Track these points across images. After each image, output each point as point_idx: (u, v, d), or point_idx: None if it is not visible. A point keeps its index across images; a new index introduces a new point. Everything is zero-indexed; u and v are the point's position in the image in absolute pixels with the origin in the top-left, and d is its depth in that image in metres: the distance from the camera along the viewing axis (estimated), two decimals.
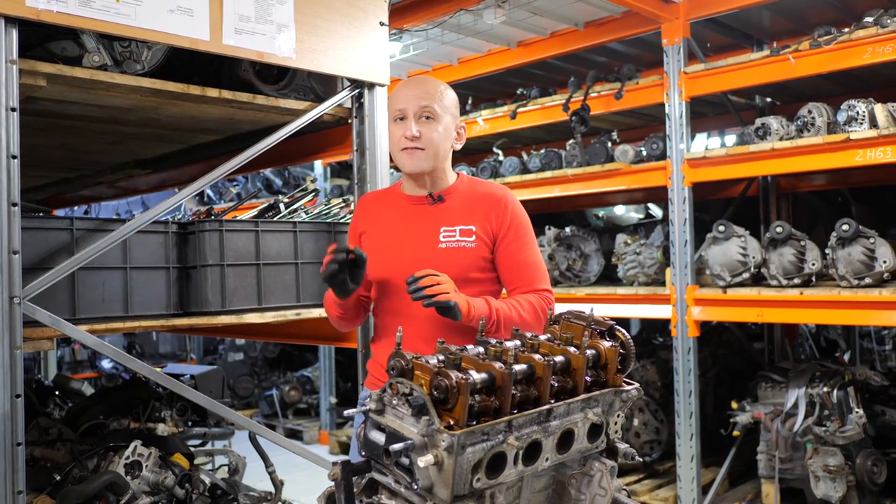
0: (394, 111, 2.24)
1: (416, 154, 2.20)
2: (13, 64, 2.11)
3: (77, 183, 4.72)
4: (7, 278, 2.08)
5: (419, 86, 2.26)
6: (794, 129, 4.16)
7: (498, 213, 2.24)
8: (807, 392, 4.27)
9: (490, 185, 2.36)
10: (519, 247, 2.25)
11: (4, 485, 2.05)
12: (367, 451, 1.54)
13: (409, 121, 2.20)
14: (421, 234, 2.23)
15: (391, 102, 2.27)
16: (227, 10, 2.52)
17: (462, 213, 2.24)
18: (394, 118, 2.24)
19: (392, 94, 2.29)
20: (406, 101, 2.22)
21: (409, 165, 2.22)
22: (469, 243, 2.20)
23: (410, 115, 2.20)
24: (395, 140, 2.24)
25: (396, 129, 2.23)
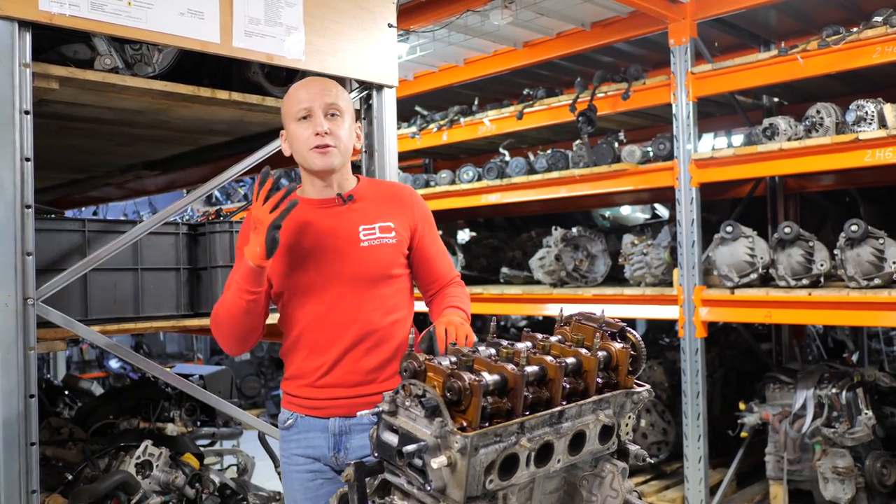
0: (297, 111, 2.11)
1: (328, 151, 2.10)
2: (27, 67, 2.13)
3: (86, 184, 4.74)
4: (21, 280, 2.09)
5: (320, 84, 2.17)
6: (803, 130, 4.16)
7: (411, 207, 2.23)
8: (815, 393, 4.26)
9: (391, 182, 2.36)
10: (433, 239, 2.27)
11: (19, 484, 2.06)
12: (379, 452, 1.55)
13: (317, 118, 2.10)
14: (339, 235, 2.13)
15: (291, 103, 2.14)
16: (238, 12, 2.53)
17: (376, 210, 2.19)
18: (296, 118, 2.11)
19: (291, 95, 2.16)
20: (310, 99, 2.11)
21: (320, 163, 2.10)
22: (390, 239, 2.15)
23: (317, 112, 2.10)
24: (302, 140, 2.11)
25: (302, 129, 2.11)
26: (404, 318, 2.19)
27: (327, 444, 2.12)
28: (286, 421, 2.17)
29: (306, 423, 2.14)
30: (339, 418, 2.11)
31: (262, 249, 1.95)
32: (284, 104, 2.17)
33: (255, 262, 1.97)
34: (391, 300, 2.16)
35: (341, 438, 2.12)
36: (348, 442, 2.11)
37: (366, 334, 2.11)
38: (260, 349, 8.62)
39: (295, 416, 2.15)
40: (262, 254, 1.96)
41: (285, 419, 2.18)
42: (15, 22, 2.09)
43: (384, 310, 2.14)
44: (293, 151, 2.16)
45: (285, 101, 2.17)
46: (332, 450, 2.12)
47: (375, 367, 2.12)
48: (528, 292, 5.35)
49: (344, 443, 2.12)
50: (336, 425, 2.11)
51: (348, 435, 2.11)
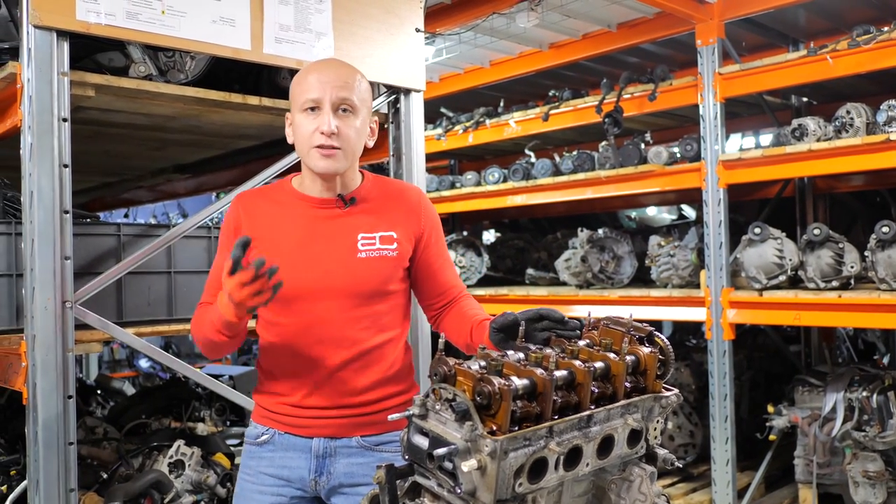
0: (304, 99, 1.88)
1: (332, 154, 1.88)
2: (65, 76, 2.18)
3: (118, 187, 4.83)
4: (59, 283, 2.14)
5: (334, 71, 1.92)
6: (832, 130, 4.12)
7: (418, 213, 2.03)
8: (845, 396, 4.22)
9: (399, 182, 2.18)
10: (441, 248, 2.08)
11: (58, 482, 2.12)
12: (409, 454, 1.57)
13: (325, 113, 1.87)
14: (334, 242, 1.94)
15: (300, 89, 1.91)
16: (268, 19, 2.57)
17: (380, 216, 1.98)
18: (302, 107, 1.89)
19: (301, 79, 1.93)
20: (321, 88, 1.87)
21: (321, 166, 1.89)
22: (391, 252, 1.95)
23: (326, 105, 1.87)
24: (304, 134, 1.89)
25: (307, 122, 1.88)
26: (398, 337, 2.02)
27: (308, 465, 1.94)
28: (260, 436, 1.98)
29: (285, 442, 1.95)
30: (325, 439, 1.94)
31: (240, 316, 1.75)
32: (293, 87, 1.94)
33: (230, 319, 1.77)
34: (385, 318, 1.98)
35: (324, 461, 1.94)
36: (332, 465, 1.95)
37: (357, 355, 1.94)
38: None
39: (272, 432, 1.97)
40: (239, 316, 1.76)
41: (259, 434, 1.98)
42: (53, 32, 2.15)
43: (377, 328, 1.97)
44: (294, 142, 1.97)
45: (294, 84, 1.94)
46: (314, 473, 1.94)
47: (366, 388, 1.96)
48: (553, 294, 5.35)
49: (327, 466, 1.94)
50: (320, 446, 1.94)
51: (333, 458, 1.95)
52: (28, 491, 2.13)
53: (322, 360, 1.92)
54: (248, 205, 1.98)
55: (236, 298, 1.69)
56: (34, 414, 2.11)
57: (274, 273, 1.67)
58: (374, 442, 1.99)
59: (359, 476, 1.96)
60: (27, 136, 2.13)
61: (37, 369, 2.11)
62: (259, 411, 2.01)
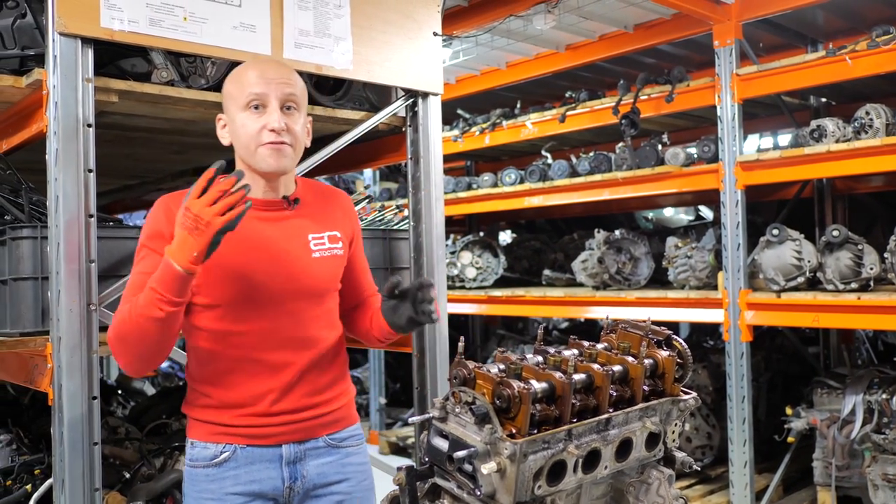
0: (247, 95, 1.84)
1: (283, 150, 1.85)
2: (89, 82, 2.21)
3: (138, 189, 4.88)
4: (84, 286, 2.18)
5: (276, 68, 1.91)
6: (851, 131, 4.10)
7: (350, 215, 2.10)
8: (865, 398, 4.20)
9: (326, 185, 2.16)
10: (362, 250, 2.16)
11: (83, 482, 2.15)
12: (430, 456, 1.59)
13: (273, 110, 1.84)
14: (289, 243, 1.92)
15: (240, 86, 1.87)
16: (288, 25, 2.60)
17: (322, 217, 2.01)
18: (244, 104, 1.84)
19: (239, 76, 1.89)
20: (265, 84, 1.84)
21: (272, 164, 1.85)
22: (339, 251, 1.99)
23: (273, 102, 1.84)
24: (250, 132, 1.84)
25: (252, 120, 1.84)
26: (342, 332, 2.07)
27: (280, 475, 1.91)
28: (217, 456, 1.88)
29: (249, 455, 1.89)
30: (293, 444, 1.92)
31: (200, 254, 1.64)
32: (228, 85, 1.90)
33: (184, 267, 1.64)
34: (334, 314, 2.03)
35: (296, 467, 1.93)
36: (304, 469, 1.94)
37: (320, 353, 1.95)
38: None
39: (231, 447, 1.88)
40: (198, 258, 1.64)
41: (216, 454, 1.88)
42: (78, 39, 2.18)
43: (331, 325, 2.01)
44: (235, 143, 1.90)
45: (230, 82, 1.90)
46: (289, 480, 1.91)
47: (327, 385, 1.98)
48: (570, 295, 5.35)
49: (300, 471, 1.93)
50: (290, 452, 1.92)
51: (303, 462, 1.93)
52: (54, 490, 2.17)
53: (288, 364, 1.90)
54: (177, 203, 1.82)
55: (207, 218, 1.60)
56: (60, 414, 2.15)
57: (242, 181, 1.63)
58: (339, 439, 2.02)
59: (331, 475, 1.97)
60: (52, 141, 2.17)
61: (62, 371, 2.14)
62: (210, 429, 1.90)
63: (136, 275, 1.83)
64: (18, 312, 2.35)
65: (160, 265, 1.69)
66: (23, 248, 2.36)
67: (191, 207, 1.63)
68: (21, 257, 2.36)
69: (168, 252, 1.67)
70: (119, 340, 1.75)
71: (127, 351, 1.76)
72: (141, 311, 1.69)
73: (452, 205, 5.94)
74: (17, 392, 4.04)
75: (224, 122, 1.95)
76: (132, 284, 1.81)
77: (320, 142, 3.04)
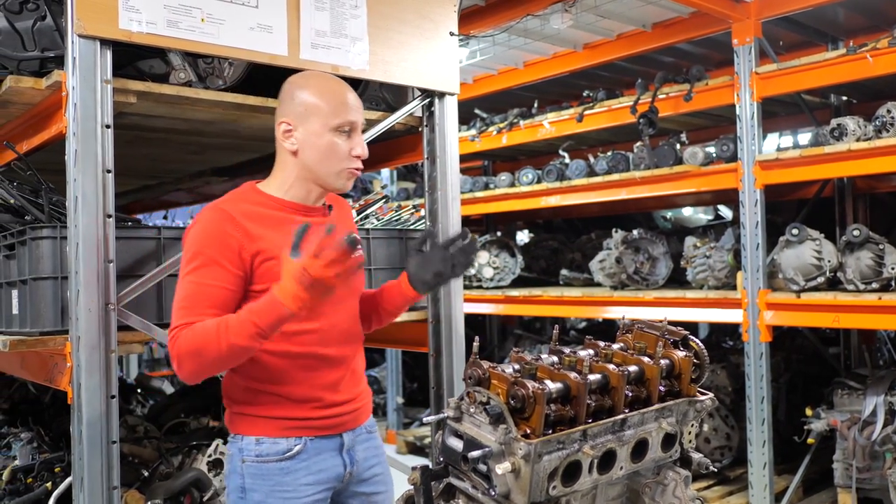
0: (343, 121, 1.95)
1: (358, 175, 2.02)
2: (108, 83, 2.23)
3: (157, 189, 4.92)
4: (103, 286, 2.20)
5: (355, 95, 2.03)
6: (872, 130, 4.06)
7: (352, 218, 2.32)
8: (886, 399, 4.15)
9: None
10: None
11: (101, 480, 2.17)
12: (444, 456, 1.59)
13: (357, 136, 1.99)
14: None
15: (335, 106, 1.95)
16: (304, 25, 2.61)
17: (343, 222, 2.16)
18: (335, 125, 1.95)
19: (336, 97, 1.97)
20: (356, 112, 1.99)
21: (348, 186, 2.03)
22: (362, 251, 2.04)
23: (358, 129, 1.99)
24: (339, 155, 1.96)
25: (341, 142, 1.96)
26: None
27: (341, 462, 2.04)
28: (291, 448, 1.97)
29: (317, 446, 2.00)
30: (349, 432, 2.07)
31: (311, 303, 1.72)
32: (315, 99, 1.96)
33: (293, 310, 1.72)
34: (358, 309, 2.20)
35: (351, 453, 2.07)
36: (356, 455, 2.08)
37: (360, 345, 2.17)
38: None
39: (302, 440, 1.98)
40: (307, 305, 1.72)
41: (289, 447, 1.97)
42: (97, 41, 2.20)
43: (359, 319, 2.19)
44: (311, 155, 1.97)
45: (319, 98, 1.96)
46: (349, 466, 2.05)
47: (361, 375, 2.16)
48: (587, 295, 5.33)
49: (353, 456, 2.07)
50: (347, 440, 2.06)
51: (354, 448, 2.08)
52: (73, 488, 2.19)
53: (344, 357, 2.06)
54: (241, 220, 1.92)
55: (328, 283, 1.68)
56: (79, 413, 2.17)
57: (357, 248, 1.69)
58: (370, 425, 2.18)
59: (371, 459, 2.14)
60: (72, 142, 2.19)
61: (81, 369, 2.16)
62: (280, 424, 1.98)
63: (197, 284, 1.85)
64: (38, 312, 2.38)
65: (268, 301, 1.74)
66: (43, 248, 2.38)
67: (309, 269, 1.68)
68: (41, 257, 2.38)
69: (281, 293, 1.72)
70: (194, 355, 1.78)
71: (199, 364, 1.79)
72: (233, 340, 1.74)
73: (470, 204, 5.93)
74: (39, 391, 4.09)
75: (290, 129, 1.99)
76: (196, 294, 1.83)
77: None
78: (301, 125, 1.97)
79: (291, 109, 1.99)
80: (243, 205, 1.99)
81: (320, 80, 2.03)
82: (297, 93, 2.00)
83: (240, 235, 1.89)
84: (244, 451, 1.98)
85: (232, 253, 1.86)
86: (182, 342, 1.78)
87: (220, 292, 1.84)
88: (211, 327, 1.76)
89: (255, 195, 2.04)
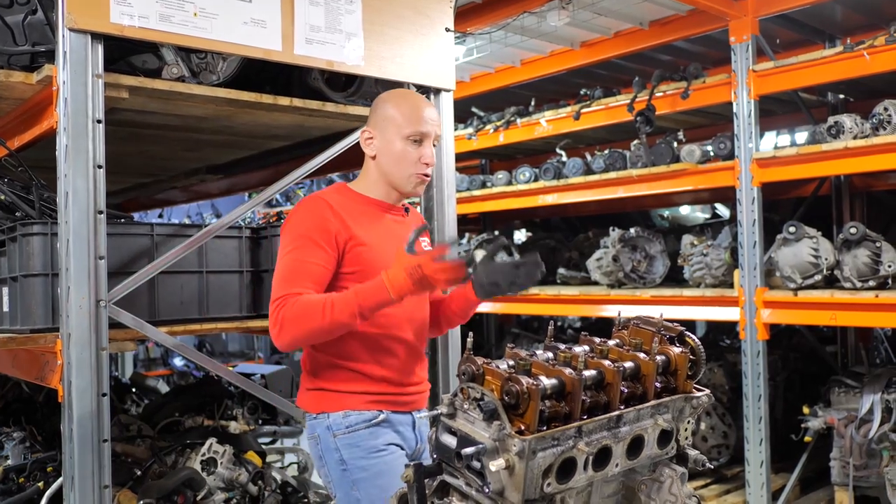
0: (414, 130, 2.18)
1: (427, 180, 2.25)
2: (99, 78, 2.22)
3: (152, 187, 4.89)
4: (94, 283, 2.18)
5: (434, 111, 2.26)
6: (869, 128, 4.04)
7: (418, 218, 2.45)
8: (883, 398, 4.14)
9: None
10: None
11: (92, 479, 2.15)
12: (438, 453, 1.57)
13: (428, 146, 2.21)
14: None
15: (410, 119, 2.19)
16: (299, 20, 2.59)
17: (414, 222, 2.36)
18: (408, 135, 2.18)
19: (412, 110, 2.21)
20: (430, 124, 2.21)
21: (419, 191, 2.26)
22: (429, 246, 2.33)
23: (430, 140, 2.21)
24: (409, 160, 2.19)
25: (411, 150, 2.19)
26: None
27: (414, 437, 2.25)
28: (375, 418, 2.16)
29: (396, 419, 2.21)
30: (416, 411, 2.25)
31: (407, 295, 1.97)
32: (393, 111, 2.19)
33: (396, 297, 1.97)
34: None
35: (420, 431, 2.26)
36: (420, 434, 2.27)
37: (426, 334, 2.34)
38: None
39: (384, 413, 2.18)
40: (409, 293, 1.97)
41: (372, 416, 2.16)
42: (88, 35, 2.18)
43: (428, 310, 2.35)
44: (386, 161, 2.21)
45: (397, 110, 2.19)
46: (419, 442, 2.26)
47: (427, 361, 2.36)
48: (585, 293, 5.31)
49: (420, 435, 2.26)
50: (415, 419, 2.25)
51: (419, 429, 2.27)
52: (64, 487, 2.17)
53: (415, 342, 2.25)
54: (337, 208, 2.14)
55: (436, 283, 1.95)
56: (69, 411, 2.15)
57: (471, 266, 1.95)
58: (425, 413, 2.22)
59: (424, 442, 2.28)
60: (62, 137, 2.17)
61: (72, 367, 2.14)
62: (364, 398, 2.16)
63: (297, 261, 2.06)
64: (29, 309, 2.36)
65: (374, 286, 1.98)
66: (33, 244, 2.37)
67: (424, 267, 1.94)
68: (32, 254, 2.37)
69: (388, 281, 1.96)
70: (294, 321, 1.97)
71: (299, 332, 1.99)
72: (335, 316, 1.96)
73: (467, 203, 5.91)
74: (32, 390, 4.07)
75: (371, 137, 2.24)
76: (296, 269, 2.05)
77: (332, 138, 3.03)
78: (379, 133, 2.21)
79: (374, 120, 2.25)
80: (338, 197, 2.21)
81: (400, 96, 2.29)
82: (380, 105, 2.26)
83: (336, 221, 2.12)
84: (333, 427, 2.15)
85: (329, 235, 2.09)
86: (287, 310, 1.98)
87: (317, 269, 2.05)
88: (318, 301, 1.97)
89: (346, 192, 2.26)
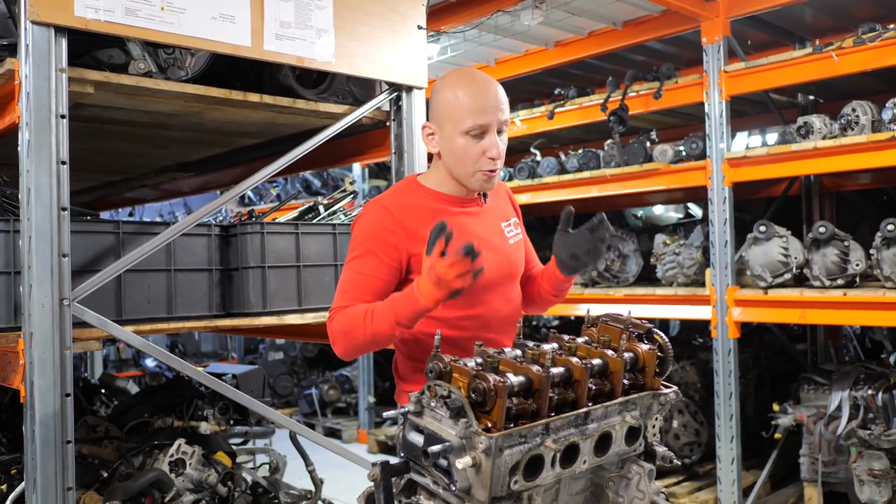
0: (471, 123, 1.92)
1: (496, 175, 2.01)
2: (62, 72, 2.17)
3: (122, 185, 4.83)
4: (57, 281, 2.14)
5: (494, 94, 1.96)
6: (838, 128, 4.09)
7: (512, 198, 2.26)
8: (851, 395, 4.19)
9: None
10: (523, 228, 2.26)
11: (55, 481, 2.11)
12: (405, 452, 1.56)
13: (492, 136, 1.95)
14: (491, 233, 2.08)
15: (464, 110, 1.93)
16: (269, 16, 2.56)
17: (501, 207, 2.16)
18: (466, 129, 1.93)
19: (470, 99, 1.93)
20: (489, 112, 1.93)
21: (486, 187, 2.03)
22: (520, 235, 2.17)
23: (493, 129, 1.95)
24: (471, 157, 1.95)
25: (473, 145, 1.94)
26: None
27: None
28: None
29: None
30: None
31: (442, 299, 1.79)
32: (450, 104, 1.95)
33: (428, 306, 1.80)
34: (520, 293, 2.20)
35: None
36: None
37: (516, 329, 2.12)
38: (293, 348, 8.70)
39: None
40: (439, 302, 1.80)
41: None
42: (51, 28, 2.14)
43: (520, 304, 2.19)
44: (449, 158, 2.00)
45: (451, 99, 1.95)
46: None
47: None
48: None
49: None
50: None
51: None
52: (26, 490, 2.13)
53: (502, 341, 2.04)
54: (398, 207, 2.00)
55: (448, 282, 1.74)
56: (31, 412, 2.11)
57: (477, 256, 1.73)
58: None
59: None
60: (25, 132, 2.13)
61: (34, 367, 2.10)
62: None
63: (355, 272, 1.98)
64: None
65: (406, 294, 1.84)
66: None
67: (434, 268, 1.77)
68: None
69: (417, 289, 1.82)
70: (344, 335, 1.92)
71: (348, 344, 1.94)
72: (375, 327, 1.86)
73: None
74: None
75: (431, 133, 2.03)
76: (353, 281, 1.97)
77: (303, 136, 3.01)
78: (439, 129, 2.01)
79: (432, 113, 2.04)
80: (403, 198, 2.05)
81: (458, 82, 1.99)
82: (435, 96, 2.02)
83: (397, 229, 1.97)
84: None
85: (388, 246, 1.96)
86: (336, 324, 1.94)
87: (373, 281, 1.96)
88: (360, 314, 1.89)
89: (415, 188, 2.09)
